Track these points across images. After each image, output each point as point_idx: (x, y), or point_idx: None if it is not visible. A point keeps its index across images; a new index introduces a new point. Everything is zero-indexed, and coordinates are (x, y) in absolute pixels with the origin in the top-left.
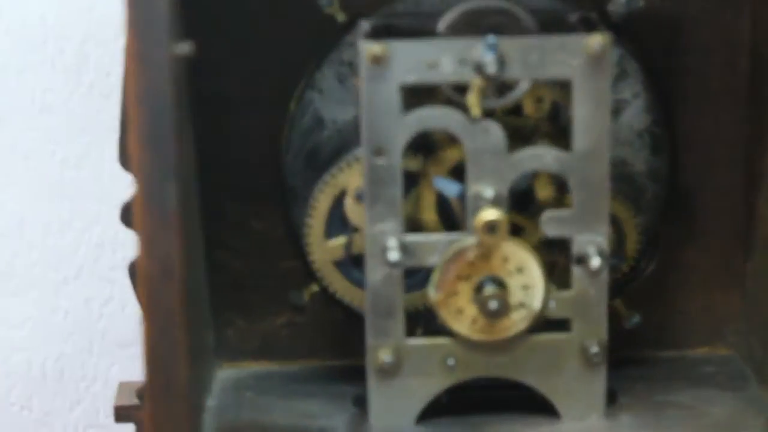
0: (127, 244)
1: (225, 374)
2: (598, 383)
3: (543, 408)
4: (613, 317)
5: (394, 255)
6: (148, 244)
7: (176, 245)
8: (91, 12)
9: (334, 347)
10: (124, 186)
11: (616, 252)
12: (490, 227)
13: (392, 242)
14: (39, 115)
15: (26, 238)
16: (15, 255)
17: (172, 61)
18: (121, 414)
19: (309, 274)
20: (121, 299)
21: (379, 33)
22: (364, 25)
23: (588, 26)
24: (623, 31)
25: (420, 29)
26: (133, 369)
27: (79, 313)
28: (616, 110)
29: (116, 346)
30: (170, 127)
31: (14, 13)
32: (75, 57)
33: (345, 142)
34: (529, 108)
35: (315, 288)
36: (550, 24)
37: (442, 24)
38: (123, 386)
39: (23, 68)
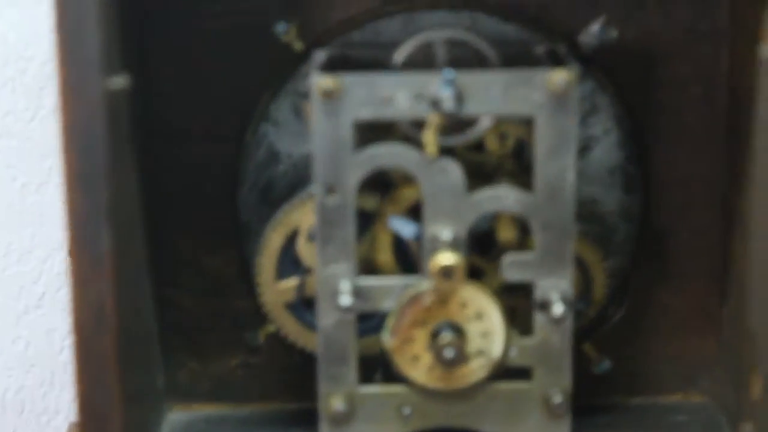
0: None
1: (176, 417)
2: None
3: None
4: (582, 362)
5: (346, 300)
6: (79, 291)
7: (110, 293)
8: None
9: (290, 390)
10: None
11: (582, 296)
12: (446, 272)
13: (345, 286)
14: None
15: None
16: None
17: (105, 95)
18: None
19: (262, 313)
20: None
21: (335, 64)
22: (320, 55)
23: (555, 59)
24: (595, 63)
25: (377, 60)
26: None
27: (40, 345)
28: (587, 146)
29: None
30: (102, 166)
31: None
32: (36, 79)
33: (300, 177)
34: (492, 144)
35: (271, 329)
36: (516, 57)
37: (399, 56)
38: (72, 427)
39: None
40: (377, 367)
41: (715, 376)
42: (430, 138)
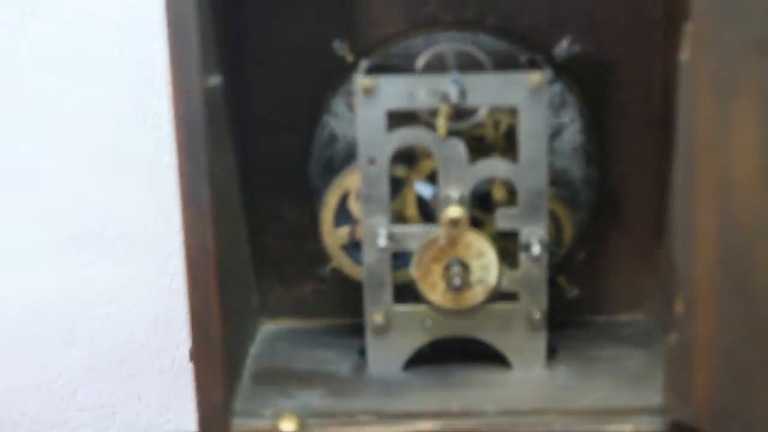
0: None
1: (266, 328)
2: (541, 342)
3: (498, 360)
4: (558, 290)
5: (382, 242)
6: (188, 231)
7: (210, 234)
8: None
9: (348, 309)
10: None
11: (555, 241)
12: (454, 222)
13: (382, 232)
14: (151, 131)
15: (141, 222)
16: (134, 235)
17: (203, 91)
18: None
19: (328, 253)
20: None
21: (374, 70)
22: (364, 63)
23: (534, 66)
24: (564, 69)
25: (405, 67)
26: None
27: (181, 277)
28: (558, 131)
29: None
30: (202, 144)
31: (133, 54)
32: None
33: (352, 153)
34: (489, 128)
35: (333, 264)
36: (505, 63)
37: (419, 62)
38: None
39: (139, 97)
40: (409, 293)
41: (653, 300)
42: (441, 123)
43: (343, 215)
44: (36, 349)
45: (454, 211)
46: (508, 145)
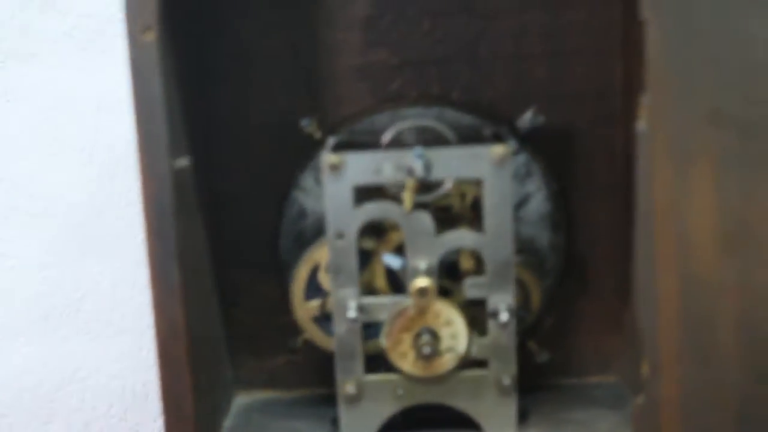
0: None
1: (240, 401)
2: (512, 406)
3: (470, 425)
4: (528, 355)
5: (352, 313)
6: (158, 310)
7: (180, 312)
8: None
9: (321, 379)
10: None
11: (523, 306)
12: (422, 291)
13: (352, 303)
14: (125, 207)
15: (118, 297)
16: (111, 309)
17: (172, 173)
18: None
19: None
20: None
21: (341, 146)
22: (330, 140)
23: (498, 138)
24: (528, 140)
25: (371, 143)
26: None
27: None
28: (525, 200)
29: None
30: (171, 224)
31: (106, 136)
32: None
33: (323, 227)
34: (455, 200)
35: (306, 336)
36: (469, 137)
37: (385, 138)
38: None
39: (113, 175)
40: (381, 361)
41: (622, 362)
42: (407, 197)
43: (313, 288)
44: (12, 428)
45: (422, 281)
46: (474, 215)
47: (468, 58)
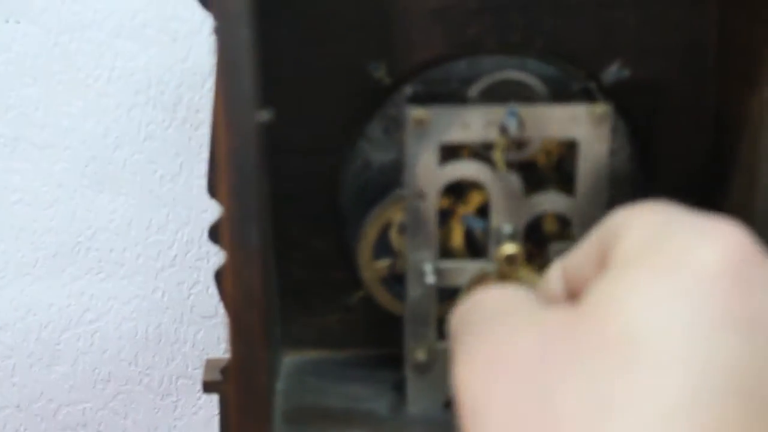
0: (211, 244)
1: (290, 360)
2: None
3: None
4: None
5: (430, 278)
6: (234, 275)
7: (258, 278)
8: (185, 62)
9: (375, 339)
10: (208, 197)
11: None
12: (510, 259)
13: (428, 267)
14: (143, 142)
15: (133, 236)
16: (125, 249)
17: (255, 127)
18: (209, 387)
19: (355, 281)
20: (205, 283)
21: (418, 97)
22: (407, 89)
23: (588, 95)
24: (613, 95)
25: (452, 95)
26: (214, 335)
27: (173, 293)
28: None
29: (201, 317)
30: (253, 183)
31: (125, 63)
32: (171, 97)
33: (388, 180)
34: (541, 160)
35: (361, 293)
36: (557, 92)
37: (473, 91)
38: (209, 363)
39: (132, 106)
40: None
41: None
42: (498, 156)
43: (382, 247)
44: (17, 368)
45: (510, 248)
46: (557, 175)
47: (552, 5)
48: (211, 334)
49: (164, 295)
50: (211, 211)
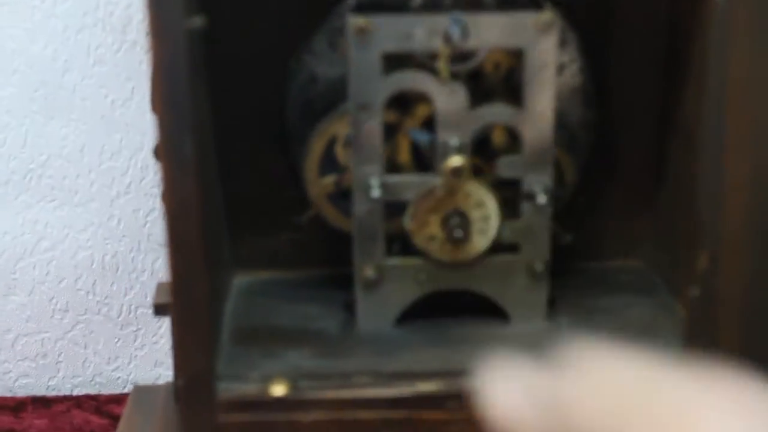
0: None
1: (240, 281)
2: (542, 294)
3: (492, 313)
4: (550, 236)
5: (376, 192)
6: (170, 186)
7: (193, 188)
8: None
9: (326, 259)
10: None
11: (558, 188)
12: (456, 171)
13: (375, 181)
14: (93, 65)
15: (86, 162)
16: (78, 176)
17: (185, 34)
18: (159, 309)
19: (306, 200)
20: (161, 210)
21: (363, 7)
22: (351, 0)
23: (536, 4)
24: (563, 6)
25: (396, 4)
26: None
27: (129, 221)
28: (558, 72)
29: (158, 245)
30: (186, 92)
31: None
32: (121, 19)
33: (334, 95)
34: (489, 72)
35: (311, 213)
36: (505, 1)
37: (416, 1)
38: (160, 286)
39: (80, 28)
40: (393, 243)
41: (648, 245)
42: (443, 65)
43: (329, 163)
44: None
45: (457, 161)
46: (506, 88)
47: None
48: None
49: (120, 222)
50: None
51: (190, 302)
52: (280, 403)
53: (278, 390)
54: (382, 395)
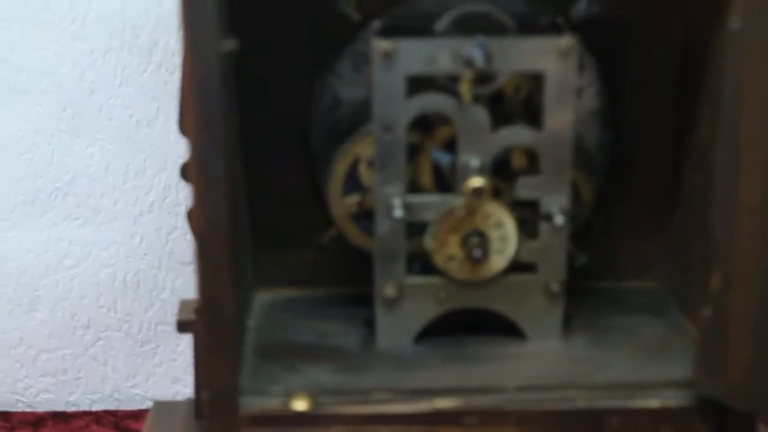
0: (187, 188)
1: (262, 297)
2: (558, 313)
3: (509, 332)
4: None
5: (398, 212)
6: (200, 205)
7: (223, 208)
8: (160, 5)
9: (347, 278)
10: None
11: (574, 208)
12: (477, 192)
13: (397, 201)
14: (119, 86)
15: (110, 181)
16: (102, 194)
17: (220, 56)
18: (182, 326)
19: (327, 220)
20: (183, 229)
21: (387, 31)
22: (375, 24)
23: (556, 29)
24: (582, 31)
25: (420, 29)
26: (193, 281)
27: (151, 239)
28: (576, 95)
29: (179, 263)
30: (219, 113)
31: (100, 7)
32: (147, 41)
33: (358, 117)
34: (509, 95)
35: (333, 232)
36: (525, 26)
37: (440, 25)
38: (183, 303)
39: (107, 50)
40: (414, 262)
41: (663, 266)
42: (465, 89)
43: (352, 183)
44: None
45: (478, 181)
46: (526, 110)
47: None
48: (189, 281)
49: (142, 240)
50: None
51: (218, 320)
52: (301, 417)
53: (300, 405)
54: (401, 411)
